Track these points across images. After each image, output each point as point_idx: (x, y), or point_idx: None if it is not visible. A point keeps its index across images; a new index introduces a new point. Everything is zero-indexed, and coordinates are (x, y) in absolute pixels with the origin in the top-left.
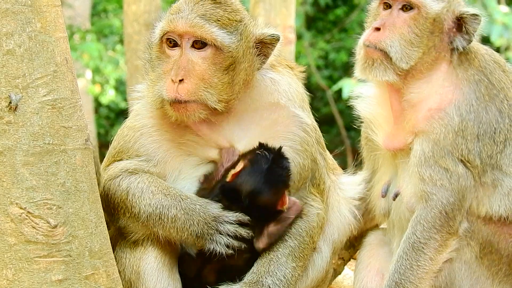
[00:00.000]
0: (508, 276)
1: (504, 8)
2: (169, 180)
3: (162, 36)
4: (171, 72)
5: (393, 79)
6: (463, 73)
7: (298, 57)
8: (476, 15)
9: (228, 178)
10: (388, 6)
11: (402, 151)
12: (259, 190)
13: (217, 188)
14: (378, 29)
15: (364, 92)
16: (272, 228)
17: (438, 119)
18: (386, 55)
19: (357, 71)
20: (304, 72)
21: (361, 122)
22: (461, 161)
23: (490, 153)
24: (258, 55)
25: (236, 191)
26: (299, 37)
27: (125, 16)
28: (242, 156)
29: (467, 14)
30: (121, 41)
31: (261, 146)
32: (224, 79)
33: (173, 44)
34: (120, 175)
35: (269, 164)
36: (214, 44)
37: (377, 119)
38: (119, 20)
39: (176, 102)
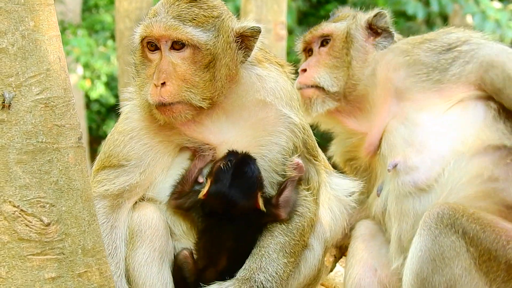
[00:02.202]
0: (506, 283)
1: (496, 4)
2: (158, 179)
3: (141, 41)
4: (153, 76)
5: (333, 106)
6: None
7: (290, 52)
8: (380, 13)
9: (201, 196)
10: (311, 52)
11: (382, 137)
12: (229, 204)
13: (191, 197)
14: (304, 70)
15: (332, 145)
16: (282, 197)
17: (396, 58)
18: (318, 88)
19: (305, 116)
20: (295, 69)
21: (346, 167)
22: (447, 50)
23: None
24: (240, 48)
25: (212, 207)
26: (290, 32)
27: (116, 12)
28: (211, 170)
29: (372, 18)
30: (113, 37)
31: (228, 154)
32: (205, 77)
33: (154, 47)
34: (101, 204)
35: (231, 177)
36: (191, 44)
37: (351, 146)
38: (110, 15)
39: (161, 105)
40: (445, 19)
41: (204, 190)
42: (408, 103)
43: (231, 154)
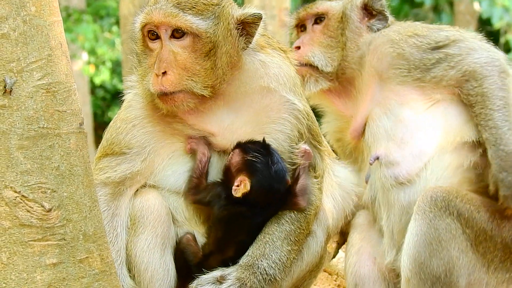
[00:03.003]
0: (503, 263)
1: None
2: (158, 168)
3: (142, 29)
4: (154, 65)
5: (326, 86)
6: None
7: None
8: None
9: (238, 195)
10: (303, 27)
11: (366, 124)
12: (275, 193)
13: (211, 191)
14: (298, 47)
15: (325, 116)
16: (299, 185)
17: (381, 43)
18: (312, 66)
19: None
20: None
21: (335, 146)
22: (434, 48)
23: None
24: (242, 35)
25: (254, 202)
26: None
27: None
28: (235, 167)
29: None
30: (117, 23)
31: (244, 147)
32: (206, 65)
33: (155, 36)
34: (102, 191)
35: (271, 166)
36: (191, 32)
37: (339, 127)
38: (115, 1)
39: (163, 95)
40: (452, 5)
41: (247, 188)
42: (390, 94)
43: (244, 146)
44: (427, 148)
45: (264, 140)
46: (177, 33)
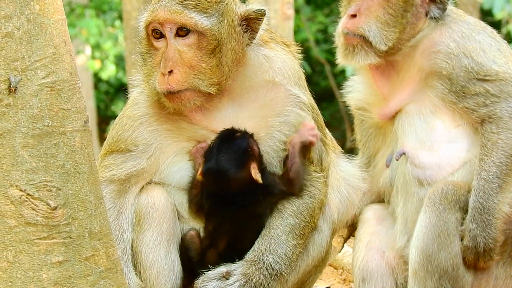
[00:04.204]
0: None
1: None
2: (163, 166)
3: (146, 28)
4: (160, 64)
5: (375, 61)
6: (448, 20)
7: (297, 31)
8: None
9: (198, 177)
10: None
11: (399, 113)
12: (220, 177)
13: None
14: (353, 15)
15: (351, 84)
16: (293, 171)
17: (436, 51)
18: (365, 40)
19: (339, 58)
20: (301, 48)
21: (354, 113)
22: (479, 80)
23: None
24: (246, 31)
25: (209, 187)
26: (298, 11)
27: None
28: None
29: None
30: (120, 17)
31: (219, 132)
32: (212, 62)
33: (159, 35)
34: (108, 189)
35: (216, 151)
36: (196, 30)
37: (368, 100)
38: None
39: (170, 94)
40: None
41: (199, 171)
42: (427, 100)
43: (221, 131)
44: (454, 161)
45: (234, 128)
46: (182, 31)
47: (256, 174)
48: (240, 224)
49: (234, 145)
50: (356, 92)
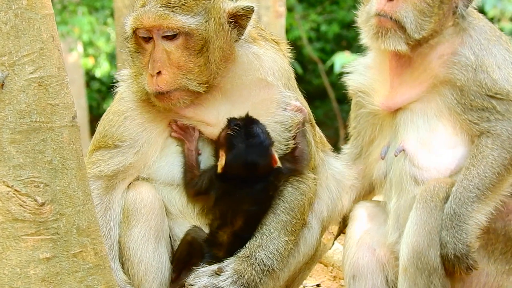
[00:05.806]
0: (504, 254)
1: None
2: (152, 159)
3: (133, 32)
4: (148, 65)
5: (404, 49)
6: (467, 24)
7: (289, 29)
8: None
9: (219, 170)
10: None
11: (402, 109)
12: (251, 167)
13: (209, 177)
14: None
15: (355, 65)
16: (298, 151)
17: (456, 62)
18: (400, 25)
19: (367, 38)
20: (293, 46)
21: (351, 97)
22: (489, 95)
23: None
24: (234, 28)
25: (234, 177)
26: (290, 9)
27: None
28: (219, 142)
29: None
30: (112, 15)
31: (230, 122)
32: (199, 61)
33: (147, 37)
34: (95, 185)
35: (245, 139)
36: (183, 32)
37: (372, 86)
38: None
39: (159, 94)
40: None
41: (222, 162)
42: (434, 103)
43: (232, 121)
44: (452, 166)
45: (247, 114)
46: (169, 34)
47: (278, 160)
48: (260, 201)
49: (258, 131)
50: (359, 74)
